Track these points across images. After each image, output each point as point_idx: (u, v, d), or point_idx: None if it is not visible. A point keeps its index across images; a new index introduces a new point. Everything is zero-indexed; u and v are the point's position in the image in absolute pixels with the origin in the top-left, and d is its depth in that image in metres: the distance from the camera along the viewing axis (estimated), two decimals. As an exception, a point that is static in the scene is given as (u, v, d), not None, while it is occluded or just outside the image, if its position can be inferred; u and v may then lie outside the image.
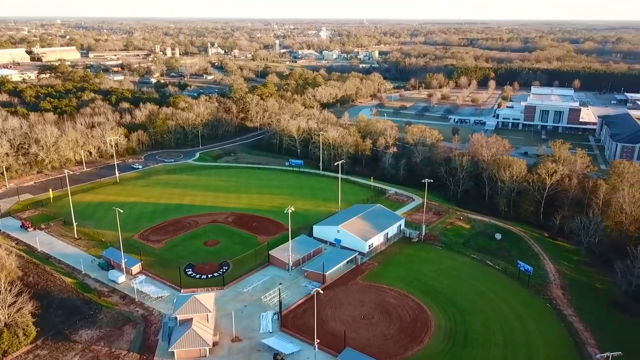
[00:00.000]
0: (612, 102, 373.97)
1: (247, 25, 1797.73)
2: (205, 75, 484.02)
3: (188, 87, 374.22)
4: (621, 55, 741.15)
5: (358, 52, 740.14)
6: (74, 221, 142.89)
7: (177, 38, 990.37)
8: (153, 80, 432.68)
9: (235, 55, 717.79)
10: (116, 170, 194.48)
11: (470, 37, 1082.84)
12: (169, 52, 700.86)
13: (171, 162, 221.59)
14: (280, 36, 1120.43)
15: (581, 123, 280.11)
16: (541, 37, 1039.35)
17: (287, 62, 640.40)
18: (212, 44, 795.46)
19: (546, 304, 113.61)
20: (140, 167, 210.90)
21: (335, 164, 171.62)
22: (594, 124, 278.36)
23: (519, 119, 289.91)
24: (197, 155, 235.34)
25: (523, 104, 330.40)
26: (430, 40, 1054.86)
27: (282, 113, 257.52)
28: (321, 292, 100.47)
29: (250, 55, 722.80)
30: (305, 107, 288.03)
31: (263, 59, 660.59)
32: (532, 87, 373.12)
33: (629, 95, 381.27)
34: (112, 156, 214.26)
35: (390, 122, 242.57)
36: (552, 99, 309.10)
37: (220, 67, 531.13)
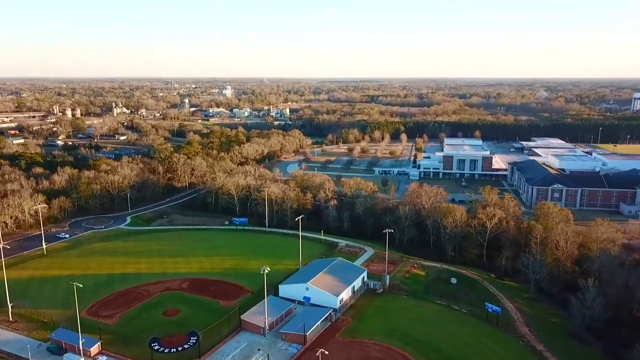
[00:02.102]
0: (511, 149, 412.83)
1: (146, 84, 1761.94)
2: (117, 136, 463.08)
3: (104, 149, 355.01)
4: (504, 108, 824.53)
5: (270, 110, 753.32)
6: (8, 302, 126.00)
7: (72, 98, 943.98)
8: (60, 143, 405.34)
9: (142, 115, 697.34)
10: (43, 241, 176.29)
11: (370, 94, 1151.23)
12: (69, 113, 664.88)
13: (102, 228, 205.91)
14: (185, 95, 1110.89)
15: (494, 170, 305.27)
16: (433, 93, 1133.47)
17: (199, 121, 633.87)
18: (117, 104, 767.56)
19: (519, 342, 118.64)
20: (67, 236, 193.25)
21: (296, 219, 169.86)
22: (505, 170, 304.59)
23: (438, 168, 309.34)
24: (128, 219, 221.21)
25: (439, 154, 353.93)
26: (334, 98, 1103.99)
27: (217, 171, 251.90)
28: (326, 352, 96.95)
29: (159, 115, 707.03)
30: (239, 164, 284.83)
31: (174, 117, 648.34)
32: (445, 139, 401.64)
33: (523, 143, 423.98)
34: (31, 226, 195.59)
35: (326, 176, 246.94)
36: (465, 148, 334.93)
37: (132, 127, 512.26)
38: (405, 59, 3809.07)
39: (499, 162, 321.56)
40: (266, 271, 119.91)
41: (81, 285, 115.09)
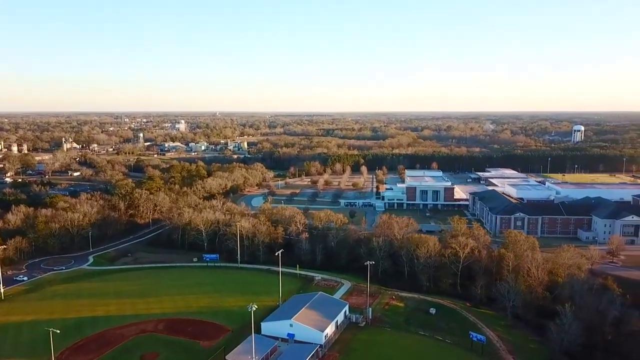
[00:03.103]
0: (468, 180, 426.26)
1: (94, 118, 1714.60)
2: (70, 172, 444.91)
3: (58, 186, 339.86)
4: (455, 140, 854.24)
5: (227, 143, 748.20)
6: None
7: (17, 133, 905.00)
8: (8, 180, 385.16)
9: (95, 150, 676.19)
10: (0, 284, 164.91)
11: (325, 128, 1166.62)
12: (15, 149, 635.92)
13: (62, 269, 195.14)
14: (137, 129, 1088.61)
15: (455, 200, 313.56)
16: (386, 127, 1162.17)
17: (155, 155, 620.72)
18: (66, 139, 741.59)
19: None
20: (25, 278, 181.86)
21: (276, 253, 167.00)
22: (466, 200, 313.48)
23: (402, 200, 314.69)
24: (91, 259, 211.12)
25: (400, 185, 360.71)
26: (290, 131, 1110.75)
27: (183, 206, 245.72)
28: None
29: (112, 149, 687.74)
30: (205, 199, 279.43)
31: (128, 152, 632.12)
32: (406, 171, 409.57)
33: (479, 173, 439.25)
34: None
35: (296, 209, 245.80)
36: (426, 180, 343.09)
37: (86, 163, 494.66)
38: (356, 94, 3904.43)
39: (460, 192, 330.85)
40: (254, 309, 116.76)
41: (58, 331, 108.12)
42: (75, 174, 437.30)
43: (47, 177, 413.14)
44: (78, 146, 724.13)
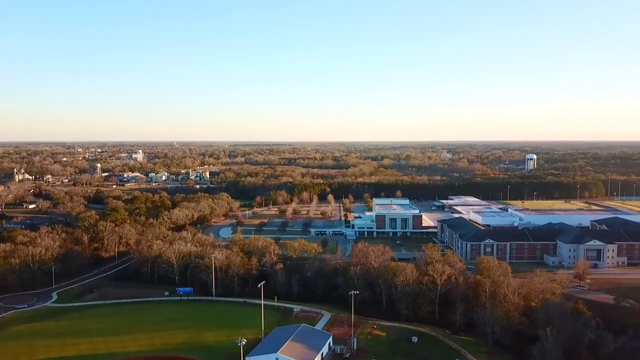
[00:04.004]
0: (432, 208, 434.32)
1: (45, 148, 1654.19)
2: (25, 205, 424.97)
3: (14, 219, 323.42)
4: (415, 169, 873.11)
5: (189, 173, 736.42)
6: None
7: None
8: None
9: (49, 181, 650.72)
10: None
11: (287, 157, 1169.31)
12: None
13: (25, 307, 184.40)
14: (93, 159, 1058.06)
15: (424, 227, 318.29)
16: (347, 156, 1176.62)
17: (114, 186, 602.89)
18: (18, 170, 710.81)
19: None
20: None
21: (259, 285, 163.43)
22: (434, 227, 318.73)
23: (372, 228, 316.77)
24: (55, 296, 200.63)
25: (369, 214, 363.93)
26: (251, 160, 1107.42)
27: (151, 238, 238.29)
28: None
29: (67, 180, 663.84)
30: (173, 230, 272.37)
31: (86, 183, 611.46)
32: (374, 199, 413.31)
33: (443, 201, 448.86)
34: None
35: (269, 239, 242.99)
36: (394, 208, 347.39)
37: (41, 195, 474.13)
38: (315, 124, 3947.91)
39: (427, 220, 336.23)
40: (243, 343, 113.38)
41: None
42: (31, 206, 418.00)
43: (0, 210, 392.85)
44: (31, 177, 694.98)
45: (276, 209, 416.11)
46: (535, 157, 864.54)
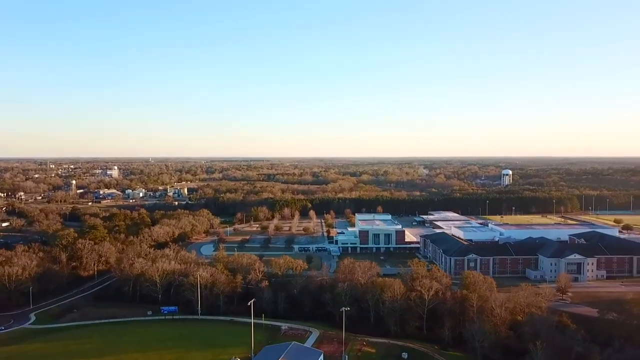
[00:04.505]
0: (413, 223, 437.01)
1: (16, 164, 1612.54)
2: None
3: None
4: (393, 185, 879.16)
5: (167, 190, 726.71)
6: None
7: None
8: None
9: (22, 199, 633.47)
10: None
11: (265, 173, 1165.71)
12: None
13: (2, 329, 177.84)
14: (66, 176, 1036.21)
15: (407, 243, 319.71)
16: (326, 172, 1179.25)
17: (90, 203, 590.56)
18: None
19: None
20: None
21: (248, 303, 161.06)
22: (417, 242, 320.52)
23: (356, 243, 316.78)
24: (33, 317, 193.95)
25: (351, 229, 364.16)
26: (229, 176, 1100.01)
27: (133, 256, 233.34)
28: None
29: (41, 198, 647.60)
30: (154, 248, 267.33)
31: (61, 201, 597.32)
32: (357, 215, 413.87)
33: (423, 216, 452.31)
34: None
35: (254, 256, 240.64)
36: (377, 223, 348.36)
37: (14, 212, 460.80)
38: (292, 140, 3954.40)
39: (409, 235, 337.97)
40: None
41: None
42: (4, 224, 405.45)
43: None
44: (2, 195, 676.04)
45: (257, 226, 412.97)
46: (510, 172, 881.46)
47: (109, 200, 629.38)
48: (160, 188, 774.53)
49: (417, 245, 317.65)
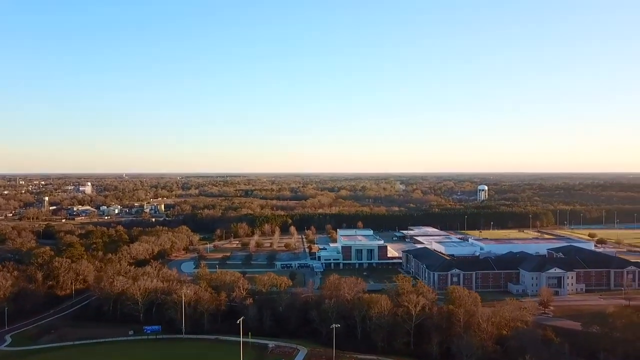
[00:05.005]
0: (394, 238, 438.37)
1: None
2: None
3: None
4: (371, 200, 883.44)
5: (143, 206, 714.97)
6: None
7: None
8: None
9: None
10: None
11: (242, 189, 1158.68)
12: None
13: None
14: (36, 192, 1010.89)
15: (389, 258, 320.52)
16: (304, 187, 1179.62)
17: (63, 220, 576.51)
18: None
19: None
20: None
21: (237, 321, 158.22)
22: (399, 258, 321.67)
23: (338, 259, 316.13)
24: (8, 339, 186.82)
25: (333, 245, 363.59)
26: (206, 192, 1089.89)
27: (113, 274, 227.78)
28: None
29: (11, 215, 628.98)
30: (135, 266, 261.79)
31: (33, 218, 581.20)
32: (339, 230, 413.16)
33: (403, 232, 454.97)
34: None
35: (237, 273, 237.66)
36: (359, 239, 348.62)
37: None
38: (270, 156, 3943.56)
39: (391, 250, 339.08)
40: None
41: None
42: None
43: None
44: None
45: (238, 242, 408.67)
46: (486, 188, 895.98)
47: (83, 217, 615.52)
48: (136, 204, 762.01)
49: (400, 261, 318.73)
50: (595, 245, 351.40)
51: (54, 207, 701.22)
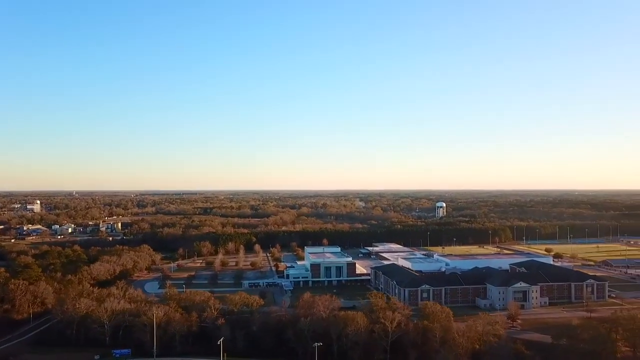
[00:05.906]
0: (359, 255, 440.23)
1: None
2: None
3: None
4: (333, 217, 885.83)
5: (99, 224, 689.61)
6: None
7: None
8: None
9: None
10: None
11: (201, 206, 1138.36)
12: None
13: None
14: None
15: (358, 275, 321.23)
16: (264, 204, 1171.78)
17: (12, 240, 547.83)
18: None
19: None
20: None
21: (218, 342, 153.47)
22: (368, 274, 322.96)
23: (307, 277, 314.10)
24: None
25: (301, 263, 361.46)
26: (163, 210, 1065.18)
27: (75, 296, 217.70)
28: None
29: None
30: (98, 287, 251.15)
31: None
32: (307, 248, 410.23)
33: (368, 248, 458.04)
34: None
35: (207, 293, 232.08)
36: (327, 256, 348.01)
37: None
38: (224, 172, 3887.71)
39: (359, 267, 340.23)
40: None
41: None
42: None
43: None
44: None
45: (202, 261, 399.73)
46: (444, 204, 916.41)
47: (34, 237, 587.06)
48: (90, 223, 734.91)
49: (368, 277, 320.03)
50: (553, 260, 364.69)
51: (2, 227, 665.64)
